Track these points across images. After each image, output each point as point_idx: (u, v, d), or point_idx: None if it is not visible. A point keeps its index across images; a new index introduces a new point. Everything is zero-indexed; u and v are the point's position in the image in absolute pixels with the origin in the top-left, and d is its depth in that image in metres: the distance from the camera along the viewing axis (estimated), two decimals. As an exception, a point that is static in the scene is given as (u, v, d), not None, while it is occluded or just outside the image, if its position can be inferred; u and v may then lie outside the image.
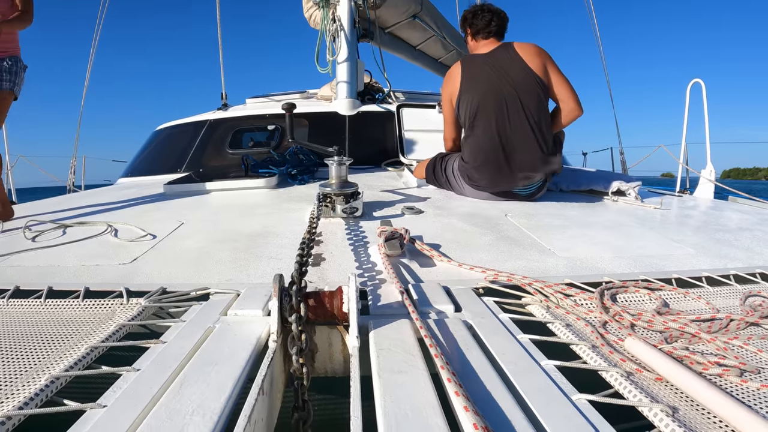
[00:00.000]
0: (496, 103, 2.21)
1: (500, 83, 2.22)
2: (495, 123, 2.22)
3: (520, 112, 2.19)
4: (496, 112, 2.21)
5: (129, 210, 2.19)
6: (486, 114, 2.22)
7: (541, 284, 1.14)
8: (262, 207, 2.11)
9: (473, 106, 2.27)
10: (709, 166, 3.67)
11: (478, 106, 2.25)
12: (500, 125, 2.21)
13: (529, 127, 2.20)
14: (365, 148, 3.34)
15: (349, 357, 0.82)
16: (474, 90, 2.27)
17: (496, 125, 2.22)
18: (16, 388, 0.73)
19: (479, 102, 2.25)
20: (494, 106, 2.21)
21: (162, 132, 4.08)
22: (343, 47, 3.49)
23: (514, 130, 2.20)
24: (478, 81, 2.26)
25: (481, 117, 2.25)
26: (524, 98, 2.19)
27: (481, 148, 2.25)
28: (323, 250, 1.47)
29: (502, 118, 2.20)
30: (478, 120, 2.26)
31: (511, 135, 2.21)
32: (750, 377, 0.75)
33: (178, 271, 1.33)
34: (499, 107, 2.21)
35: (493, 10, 2.35)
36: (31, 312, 1.06)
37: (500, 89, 2.21)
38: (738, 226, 2.00)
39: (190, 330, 0.90)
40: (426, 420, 0.60)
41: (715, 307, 1.08)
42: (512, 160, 2.22)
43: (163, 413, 0.62)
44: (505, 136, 2.21)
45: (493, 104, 2.21)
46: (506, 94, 2.21)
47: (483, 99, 2.24)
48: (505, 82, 2.21)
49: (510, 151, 2.22)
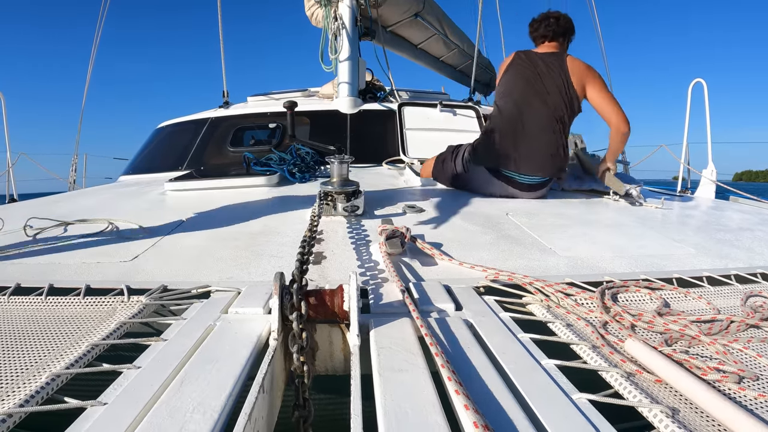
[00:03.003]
0: (525, 95, 2.32)
1: (537, 80, 2.32)
2: (518, 111, 2.32)
3: (544, 110, 2.29)
4: (522, 103, 2.32)
5: (130, 207, 2.19)
6: (513, 101, 2.33)
7: (542, 283, 1.14)
8: (263, 205, 2.11)
9: (506, 90, 2.39)
10: (710, 166, 3.67)
11: (509, 92, 2.37)
12: (523, 114, 2.31)
13: (549, 127, 2.29)
14: (366, 146, 3.34)
15: (349, 355, 0.82)
16: (513, 76, 2.39)
17: (518, 113, 2.32)
18: (17, 386, 0.73)
19: (512, 88, 2.37)
20: (523, 96, 2.32)
21: (163, 130, 4.08)
22: (344, 45, 3.50)
23: (533, 123, 2.30)
24: (519, 70, 2.37)
25: (507, 102, 2.36)
26: (552, 101, 2.30)
27: (498, 128, 2.34)
28: (324, 248, 1.47)
29: (527, 109, 2.31)
30: (505, 104, 2.37)
31: (529, 126, 2.30)
32: (748, 384, 0.75)
33: (179, 269, 1.33)
34: (526, 99, 2.31)
35: (553, 15, 2.44)
36: (31, 309, 1.06)
37: (534, 85, 2.32)
38: (739, 226, 2.00)
39: (190, 328, 0.90)
40: (426, 418, 0.60)
41: (715, 308, 1.08)
42: (521, 147, 2.31)
43: (164, 411, 0.63)
44: (522, 125, 2.31)
45: (523, 94, 2.32)
46: (538, 90, 2.31)
47: (516, 87, 2.36)
48: (542, 81, 2.32)
49: (523, 139, 2.31)
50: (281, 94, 4.33)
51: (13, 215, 2.07)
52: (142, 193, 2.60)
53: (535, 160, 2.30)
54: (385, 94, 3.95)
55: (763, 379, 0.78)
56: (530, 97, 2.32)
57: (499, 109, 2.40)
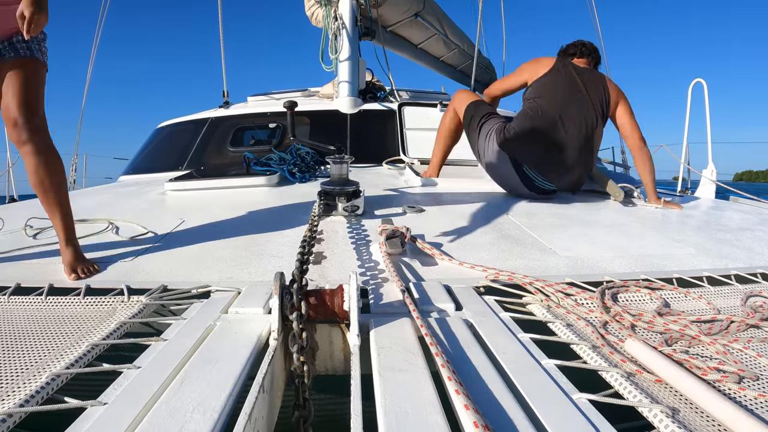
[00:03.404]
0: (567, 105, 2.38)
1: (580, 93, 2.41)
2: (559, 118, 2.36)
3: (582, 121, 2.37)
4: (564, 113, 2.37)
5: (130, 207, 2.19)
6: (555, 106, 2.37)
7: (542, 283, 1.14)
8: (264, 205, 2.11)
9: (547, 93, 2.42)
10: (710, 166, 3.66)
11: (550, 96, 2.40)
12: (564, 123, 2.36)
13: (584, 143, 2.37)
14: (366, 146, 3.34)
15: (349, 355, 0.82)
16: (555, 81, 2.43)
17: (559, 120, 2.36)
18: (17, 386, 0.73)
19: (554, 93, 2.40)
20: (565, 105, 2.38)
21: (163, 130, 4.08)
22: (344, 45, 3.50)
23: (570, 135, 2.36)
24: (563, 78, 2.44)
25: (549, 106, 2.38)
26: (589, 115, 2.39)
27: (537, 127, 2.36)
28: (324, 248, 1.47)
29: (567, 120, 2.36)
30: (547, 106, 2.39)
31: (565, 137, 2.36)
32: (748, 384, 0.75)
33: (179, 269, 1.33)
34: (568, 110, 2.38)
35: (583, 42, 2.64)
36: (32, 309, 1.06)
37: (577, 96, 2.40)
38: (739, 226, 2.00)
39: (190, 328, 0.90)
40: (426, 418, 0.60)
41: (715, 308, 1.08)
42: (553, 153, 2.35)
43: (164, 411, 0.63)
44: (561, 133, 2.36)
45: (565, 103, 2.38)
46: (580, 99, 2.39)
47: (558, 93, 2.40)
48: (585, 95, 2.40)
49: (558, 147, 2.36)
50: (281, 94, 4.33)
51: (13, 215, 2.07)
52: (142, 193, 2.60)
53: (561, 172, 2.38)
54: (385, 94, 3.95)
55: (763, 379, 0.78)
56: (571, 107, 2.38)
57: (539, 109, 2.40)
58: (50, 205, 1.40)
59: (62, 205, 1.41)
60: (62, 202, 1.41)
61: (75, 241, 1.39)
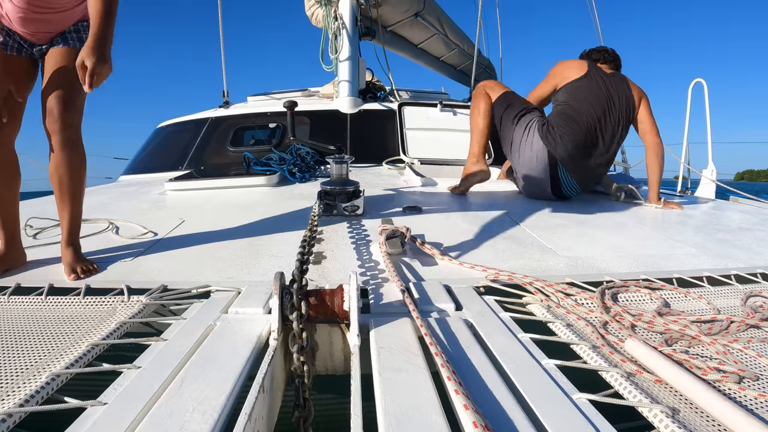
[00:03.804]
0: (602, 108, 2.44)
1: (611, 98, 2.46)
2: (597, 119, 2.40)
3: (615, 128, 2.44)
4: (600, 114, 2.42)
5: (130, 207, 2.19)
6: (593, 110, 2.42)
7: (542, 283, 1.14)
8: (264, 205, 2.11)
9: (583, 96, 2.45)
10: (710, 166, 3.67)
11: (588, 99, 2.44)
12: (600, 125, 2.42)
13: (615, 144, 2.44)
14: (367, 146, 3.34)
15: (349, 355, 0.82)
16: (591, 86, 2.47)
17: (598, 122, 2.41)
18: (17, 386, 0.73)
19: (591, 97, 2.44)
20: (601, 109, 2.43)
21: (164, 129, 4.08)
22: (345, 45, 3.50)
23: (607, 136, 2.42)
24: (597, 83, 2.49)
25: (587, 109, 2.42)
26: (620, 121, 2.45)
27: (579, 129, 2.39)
28: (324, 248, 1.47)
29: (603, 122, 2.42)
30: (585, 110, 2.42)
31: (603, 139, 2.41)
32: (748, 384, 0.75)
33: (179, 269, 1.33)
34: (603, 111, 2.43)
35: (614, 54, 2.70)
36: (32, 309, 1.06)
37: (609, 102, 2.45)
38: (739, 226, 2.00)
39: (190, 328, 0.90)
40: (426, 418, 0.60)
41: (715, 308, 1.08)
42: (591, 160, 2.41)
43: (164, 411, 0.63)
44: (601, 136, 2.41)
45: (601, 107, 2.44)
46: (611, 107, 2.45)
47: (595, 97, 2.44)
48: (614, 101, 2.46)
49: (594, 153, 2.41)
50: (281, 94, 4.33)
51: None
52: (142, 193, 2.60)
53: (591, 178, 2.45)
54: (386, 94, 3.95)
55: (764, 379, 0.78)
56: (606, 114, 2.42)
57: (577, 113, 2.41)
58: (63, 201, 1.38)
59: (74, 205, 1.40)
60: (75, 202, 1.40)
61: (77, 242, 1.39)
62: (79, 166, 1.40)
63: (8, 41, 1.37)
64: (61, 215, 1.40)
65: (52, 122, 1.32)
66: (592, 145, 2.38)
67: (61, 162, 1.35)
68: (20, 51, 1.40)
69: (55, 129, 1.32)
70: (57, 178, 1.36)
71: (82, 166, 1.41)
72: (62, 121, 1.33)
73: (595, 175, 2.47)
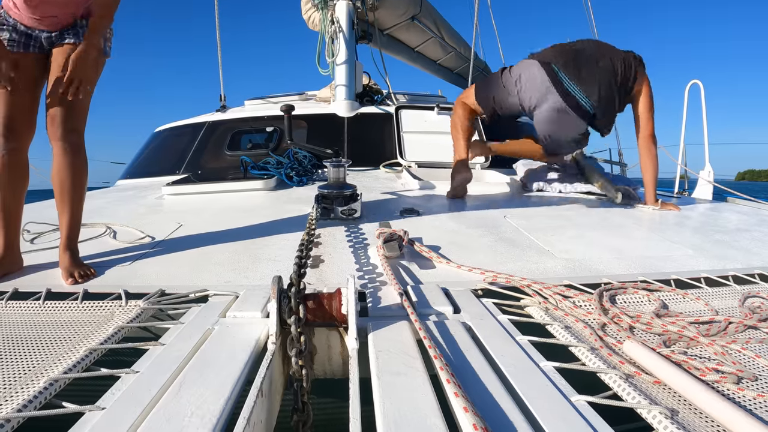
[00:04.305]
0: (598, 48, 2.41)
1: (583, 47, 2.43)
2: (590, 49, 2.37)
3: (612, 68, 2.32)
4: (595, 49, 2.39)
5: (128, 212, 2.19)
6: (585, 44, 2.42)
7: (540, 286, 1.14)
8: (261, 209, 2.11)
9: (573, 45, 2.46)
10: (707, 167, 3.68)
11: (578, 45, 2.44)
12: (597, 55, 2.35)
13: (617, 79, 2.31)
14: (364, 149, 3.34)
15: (348, 359, 0.82)
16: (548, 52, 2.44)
17: (590, 50, 2.37)
18: (15, 391, 0.73)
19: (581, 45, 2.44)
20: (597, 49, 2.40)
21: (161, 134, 4.07)
22: (341, 49, 3.50)
23: (605, 63, 2.31)
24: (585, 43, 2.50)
25: (579, 43, 2.44)
26: (617, 69, 2.33)
27: (572, 47, 2.37)
28: (322, 251, 1.47)
29: (598, 55, 2.36)
30: (578, 43, 2.44)
31: (599, 64, 2.31)
32: (747, 385, 0.75)
33: (176, 273, 1.33)
34: (599, 51, 2.39)
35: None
36: (29, 314, 1.06)
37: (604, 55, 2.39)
38: (736, 227, 2.01)
39: (188, 332, 0.90)
40: (425, 421, 0.60)
41: (713, 309, 1.08)
42: (590, 63, 2.31)
43: (162, 415, 0.62)
44: (595, 61, 2.32)
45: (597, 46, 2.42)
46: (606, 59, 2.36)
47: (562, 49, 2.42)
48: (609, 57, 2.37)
49: (587, 62, 2.32)
50: (278, 98, 4.33)
51: None
52: (139, 198, 2.59)
53: (596, 86, 2.29)
54: (383, 98, 3.95)
55: (762, 380, 0.78)
56: (602, 51, 2.37)
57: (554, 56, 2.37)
58: (63, 206, 1.39)
59: (74, 211, 1.40)
60: (75, 208, 1.41)
61: (75, 247, 1.39)
62: (81, 171, 1.40)
63: (14, 37, 1.36)
64: (60, 219, 1.39)
65: (55, 128, 1.32)
66: (590, 58, 2.32)
67: (63, 167, 1.35)
68: (27, 47, 1.38)
69: (58, 135, 1.32)
70: (58, 182, 1.36)
71: (83, 172, 1.42)
72: (65, 127, 1.33)
73: (603, 86, 2.29)
